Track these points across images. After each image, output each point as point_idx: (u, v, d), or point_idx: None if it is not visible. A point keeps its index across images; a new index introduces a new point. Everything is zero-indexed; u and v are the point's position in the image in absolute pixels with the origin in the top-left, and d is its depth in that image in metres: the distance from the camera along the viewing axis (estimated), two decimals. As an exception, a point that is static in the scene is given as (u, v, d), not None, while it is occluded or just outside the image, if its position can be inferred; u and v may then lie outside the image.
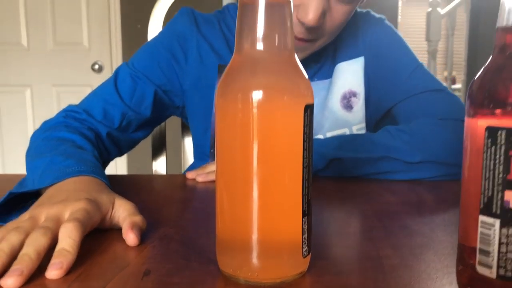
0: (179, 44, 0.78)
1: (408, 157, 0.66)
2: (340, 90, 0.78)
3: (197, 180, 0.67)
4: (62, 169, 0.53)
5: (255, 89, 0.35)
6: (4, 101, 2.74)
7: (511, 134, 0.30)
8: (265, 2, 0.35)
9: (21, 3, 2.67)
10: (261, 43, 0.35)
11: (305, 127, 0.36)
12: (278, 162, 0.35)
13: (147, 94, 0.75)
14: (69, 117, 0.71)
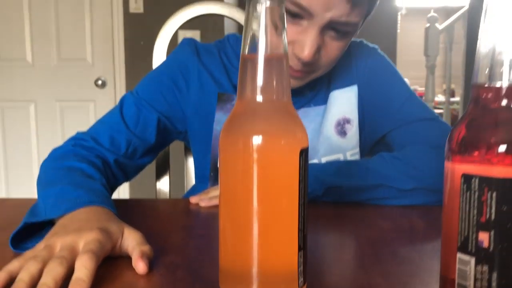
0: (181, 74, 0.82)
1: (402, 184, 0.69)
2: (335, 117, 0.81)
3: (201, 205, 0.71)
4: (73, 200, 0.56)
5: (255, 134, 0.39)
6: (9, 116, 2.79)
7: (483, 182, 0.33)
8: (264, 57, 0.39)
9: (27, 19, 2.72)
10: (260, 93, 0.39)
11: (301, 169, 0.39)
12: (276, 201, 0.39)
13: (151, 120, 0.79)
14: (77, 145, 0.74)
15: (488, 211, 0.33)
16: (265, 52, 0.39)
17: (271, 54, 0.39)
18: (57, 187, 0.61)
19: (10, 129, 2.80)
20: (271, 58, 0.39)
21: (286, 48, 0.40)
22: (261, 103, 0.39)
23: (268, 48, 0.39)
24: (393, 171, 0.70)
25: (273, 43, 0.39)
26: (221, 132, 0.41)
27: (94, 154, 0.73)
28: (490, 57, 0.34)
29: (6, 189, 2.81)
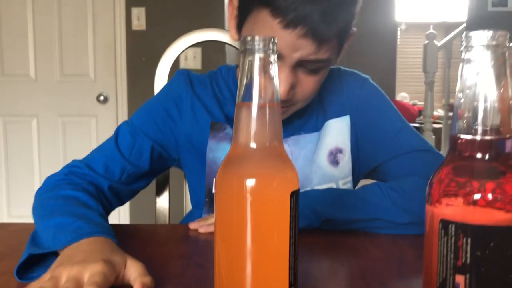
0: (175, 103, 0.85)
1: (398, 218, 0.71)
2: (327, 147, 0.83)
3: (200, 231, 0.73)
4: (75, 231, 0.58)
5: (249, 177, 0.41)
6: (11, 130, 2.82)
7: (460, 228, 0.36)
8: (257, 106, 0.42)
9: (30, 36, 2.77)
10: (254, 138, 0.42)
11: (291, 210, 0.42)
12: (267, 240, 0.42)
13: (145, 148, 0.82)
14: (71, 173, 0.76)
15: (464, 256, 0.36)
16: (258, 101, 0.42)
17: (263, 103, 0.42)
18: (56, 218, 0.63)
19: (13, 143, 2.82)
20: (263, 107, 0.42)
21: (279, 96, 0.43)
22: (254, 148, 0.42)
23: (261, 97, 0.42)
24: (390, 204, 0.72)
25: (265, 92, 0.42)
26: (217, 173, 0.44)
27: (88, 181, 0.76)
28: (466, 111, 0.37)
29: (7, 203, 2.84)
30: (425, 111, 3.83)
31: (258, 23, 0.71)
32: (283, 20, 0.68)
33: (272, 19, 0.68)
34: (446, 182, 0.38)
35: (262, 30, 0.70)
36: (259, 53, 0.41)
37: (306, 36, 0.68)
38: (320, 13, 0.67)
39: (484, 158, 0.37)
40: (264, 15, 0.69)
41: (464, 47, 0.37)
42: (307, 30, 0.68)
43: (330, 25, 0.69)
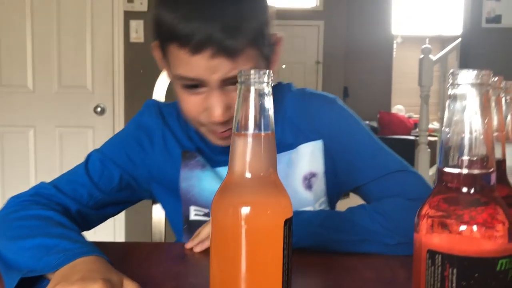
0: (147, 135, 0.86)
1: (387, 239, 0.72)
2: (302, 172, 0.83)
3: (195, 251, 0.74)
4: (64, 252, 0.59)
5: (243, 205, 0.43)
6: (8, 141, 2.82)
7: (446, 258, 0.37)
8: (251, 135, 0.43)
9: (29, 47, 2.78)
10: (248, 168, 0.43)
11: (285, 237, 0.43)
12: (261, 266, 0.43)
13: (114, 176, 0.82)
14: (37, 194, 0.77)
15: (450, 285, 0.37)
16: (253, 131, 0.43)
17: (258, 133, 0.43)
18: (34, 239, 0.63)
19: (10, 153, 2.83)
20: (258, 137, 0.43)
21: (273, 126, 0.44)
22: (249, 177, 0.43)
23: (255, 127, 0.43)
24: (378, 226, 0.73)
25: (259, 123, 0.43)
26: (213, 200, 0.45)
27: (55, 202, 0.76)
28: (452, 146, 0.39)
29: (2, 213, 2.83)
30: (420, 125, 3.85)
31: (173, 58, 0.72)
32: (189, 48, 0.68)
33: (180, 50, 0.70)
34: (433, 213, 0.39)
35: (177, 63, 0.72)
36: (253, 86, 0.43)
37: (216, 56, 0.69)
38: (222, 30, 0.68)
39: (470, 191, 0.38)
40: (174, 49, 0.71)
41: (450, 84, 0.38)
42: (215, 50, 0.68)
43: (236, 38, 0.69)
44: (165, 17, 0.71)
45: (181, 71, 0.72)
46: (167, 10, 0.71)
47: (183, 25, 0.68)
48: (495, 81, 0.45)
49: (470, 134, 0.38)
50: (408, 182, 0.80)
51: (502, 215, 0.38)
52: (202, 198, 0.84)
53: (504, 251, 0.37)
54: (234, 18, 0.69)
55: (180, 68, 0.72)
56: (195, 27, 0.68)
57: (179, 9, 0.69)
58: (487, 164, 0.38)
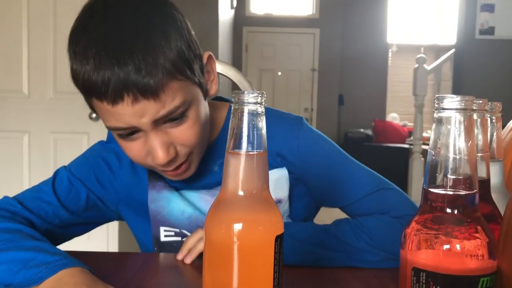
0: (115, 156, 0.85)
1: (370, 256, 0.73)
2: None
3: (186, 262, 0.75)
4: (45, 265, 0.59)
5: (236, 222, 0.44)
6: (2, 145, 2.82)
7: (430, 276, 0.39)
8: (244, 154, 0.44)
9: (25, 52, 2.79)
10: (241, 185, 0.45)
11: (276, 253, 0.44)
12: (253, 280, 0.44)
13: (81, 196, 0.82)
14: (2, 208, 0.76)
15: (433, 302, 0.38)
16: (246, 150, 0.44)
17: (251, 152, 0.45)
18: (8, 252, 0.62)
19: (3, 158, 2.82)
20: (251, 156, 0.45)
21: (266, 145, 0.46)
22: (242, 194, 0.45)
23: (248, 146, 0.44)
24: (362, 243, 0.74)
25: (252, 142, 0.45)
26: (207, 216, 0.46)
27: (20, 216, 0.75)
28: (437, 167, 0.40)
29: (-4, 218, 2.82)
30: (414, 134, 3.89)
31: (99, 111, 0.70)
32: (107, 99, 0.65)
33: (101, 103, 0.66)
34: (418, 232, 0.41)
35: (104, 115, 0.69)
36: (247, 106, 0.44)
37: (137, 100, 0.65)
38: (135, 71, 0.64)
39: (453, 211, 0.40)
40: (95, 102, 0.68)
41: (436, 108, 0.40)
42: (134, 94, 0.64)
43: (153, 75, 0.64)
44: (78, 71, 0.67)
45: (110, 123, 0.69)
46: (78, 63, 0.66)
47: (95, 76, 0.64)
48: (480, 103, 0.47)
49: (454, 156, 0.40)
50: (389, 200, 0.79)
51: (483, 234, 0.39)
52: (172, 218, 0.84)
53: (486, 270, 0.39)
54: (146, 56, 0.64)
55: (107, 120, 0.69)
56: (108, 76, 0.63)
57: (89, 61, 0.65)
58: (470, 185, 0.40)
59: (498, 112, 0.54)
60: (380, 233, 0.74)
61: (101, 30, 0.66)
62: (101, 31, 0.66)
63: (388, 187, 0.81)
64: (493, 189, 0.51)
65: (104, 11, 0.68)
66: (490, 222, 0.46)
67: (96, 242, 2.56)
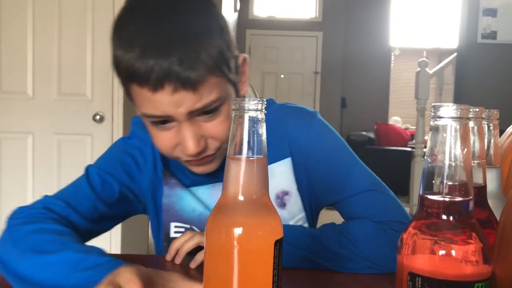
0: (140, 152, 0.86)
1: (353, 264, 0.74)
2: (273, 191, 0.83)
3: (176, 262, 0.76)
4: (96, 268, 0.59)
5: (236, 226, 0.45)
6: (6, 147, 2.84)
7: (426, 281, 0.40)
8: (245, 159, 0.45)
9: (30, 54, 2.81)
10: (241, 190, 0.46)
11: (275, 257, 0.45)
12: (252, 284, 0.45)
13: (115, 189, 0.83)
14: (48, 208, 0.76)
15: (429, 307, 0.39)
16: (246, 155, 0.45)
17: (251, 158, 0.46)
18: (57, 253, 0.63)
19: (7, 159, 2.84)
20: (251, 161, 0.46)
21: (266, 151, 0.47)
22: (242, 199, 0.46)
23: (248, 152, 0.45)
24: (345, 250, 0.74)
25: (252, 148, 0.46)
26: (207, 220, 0.47)
27: (65, 217, 0.76)
28: (433, 174, 0.41)
29: (-1, 219, 2.84)
30: (416, 137, 3.89)
31: (136, 97, 0.72)
32: (149, 86, 0.68)
33: (141, 89, 0.69)
34: (414, 237, 0.42)
35: (141, 102, 0.71)
36: (247, 113, 0.45)
37: (177, 90, 0.68)
38: (179, 63, 0.66)
39: (449, 217, 0.41)
40: (135, 88, 0.70)
41: (432, 116, 0.41)
42: (175, 85, 0.67)
43: (194, 69, 0.67)
44: (122, 58, 0.69)
45: (146, 110, 0.71)
46: (122, 50, 0.69)
47: (139, 63, 0.67)
48: (476, 111, 0.48)
49: (449, 163, 0.41)
50: (377, 204, 0.79)
51: (478, 240, 0.40)
52: (183, 215, 0.85)
53: (481, 275, 0.39)
54: (190, 50, 0.67)
55: (144, 106, 0.71)
56: (152, 65, 0.66)
57: (134, 48, 0.68)
58: (466, 192, 0.41)
59: (495, 119, 0.55)
60: (365, 241, 0.74)
61: (148, 20, 0.69)
62: (148, 21, 0.69)
63: (382, 191, 0.81)
64: (489, 195, 0.51)
65: (152, 1, 0.71)
66: (486, 227, 0.46)
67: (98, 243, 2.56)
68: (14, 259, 0.65)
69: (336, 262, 0.75)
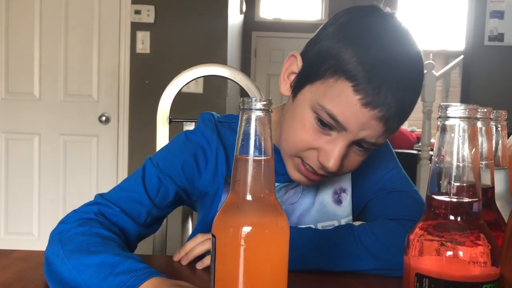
0: (203, 153, 0.83)
1: (365, 266, 0.74)
2: (332, 186, 0.84)
3: (182, 264, 0.76)
4: (132, 272, 0.58)
5: (243, 225, 0.45)
6: (14, 147, 2.86)
7: (433, 282, 0.39)
8: (252, 159, 0.45)
9: (37, 56, 2.83)
10: (248, 190, 0.46)
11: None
12: (259, 284, 0.45)
13: (170, 193, 0.81)
14: (101, 213, 0.75)
15: (436, 308, 0.39)
16: (253, 155, 0.45)
17: (258, 157, 0.45)
18: (97, 255, 0.62)
19: (14, 160, 2.86)
20: (259, 161, 0.45)
21: (273, 150, 0.47)
22: (249, 199, 0.46)
23: (256, 152, 0.45)
24: (360, 250, 0.74)
25: (259, 148, 0.45)
26: (215, 220, 0.47)
27: (116, 224, 0.75)
28: (441, 174, 0.41)
29: (5, 219, 2.85)
30: (422, 140, 3.87)
31: (334, 92, 0.69)
32: (364, 99, 0.67)
33: (353, 94, 0.67)
34: (422, 238, 0.41)
35: (334, 99, 0.69)
36: (256, 112, 0.45)
37: (379, 120, 0.68)
38: (397, 105, 0.67)
39: (456, 218, 0.40)
40: (344, 87, 0.68)
41: (440, 117, 0.41)
42: (383, 115, 0.67)
43: (402, 118, 0.70)
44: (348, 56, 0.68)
45: (334, 109, 0.69)
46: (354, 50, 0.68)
47: (370, 75, 0.67)
48: (484, 112, 0.47)
49: (457, 164, 0.40)
50: (401, 203, 0.81)
51: (485, 241, 0.40)
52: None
53: (488, 277, 0.39)
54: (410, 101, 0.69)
55: (334, 105, 0.69)
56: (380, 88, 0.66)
57: (369, 56, 0.67)
58: (473, 193, 0.40)
59: (503, 120, 0.55)
60: (384, 241, 0.74)
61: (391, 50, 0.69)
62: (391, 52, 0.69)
63: (408, 191, 0.84)
64: (497, 197, 0.51)
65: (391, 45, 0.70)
66: (494, 229, 0.46)
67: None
68: (59, 260, 0.65)
69: (349, 262, 0.74)
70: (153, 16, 2.80)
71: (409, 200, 0.82)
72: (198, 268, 0.75)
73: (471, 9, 4.99)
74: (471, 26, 4.79)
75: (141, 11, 2.80)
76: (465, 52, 4.79)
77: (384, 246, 0.74)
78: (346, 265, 0.75)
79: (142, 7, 2.81)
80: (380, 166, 0.87)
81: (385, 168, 0.87)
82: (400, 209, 0.80)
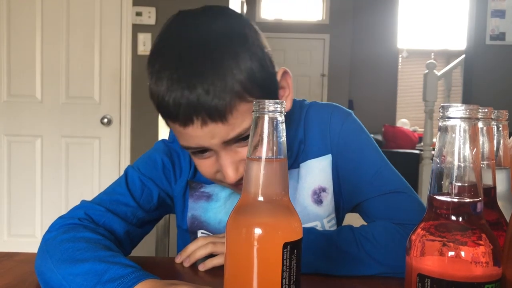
0: (177, 158, 0.86)
1: (368, 270, 0.74)
2: (311, 187, 0.84)
3: (185, 266, 0.77)
4: (119, 279, 0.58)
5: (255, 226, 0.45)
6: (15, 150, 2.86)
7: (435, 283, 0.39)
8: (265, 160, 0.45)
9: (38, 59, 2.83)
10: (261, 191, 0.46)
11: (296, 257, 0.45)
12: (272, 284, 0.45)
13: (154, 195, 0.83)
14: (86, 217, 0.75)
15: (438, 308, 0.39)
16: (265, 156, 0.45)
17: (271, 159, 0.45)
18: (84, 264, 0.62)
19: (16, 162, 2.86)
20: (271, 162, 0.45)
21: (286, 152, 0.46)
22: (262, 200, 0.46)
23: (268, 153, 0.45)
24: (363, 255, 0.74)
25: (271, 149, 0.45)
26: (228, 220, 0.47)
27: (103, 225, 0.76)
28: (442, 175, 0.41)
29: (8, 221, 2.86)
30: (424, 140, 3.87)
31: (173, 130, 0.72)
32: (179, 122, 0.68)
33: (173, 124, 0.70)
34: (423, 238, 0.41)
35: (177, 135, 0.73)
36: (267, 114, 0.45)
37: (206, 124, 0.66)
38: (203, 95, 0.65)
39: (458, 218, 0.40)
40: (169, 123, 0.71)
41: (441, 117, 0.41)
42: (203, 118, 0.66)
43: (220, 99, 0.65)
44: (154, 92, 0.69)
45: (182, 142, 0.72)
46: (154, 84, 0.69)
47: (167, 98, 0.66)
48: (485, 112, 0.47)
49: (458, 164, 0.40)
50: (402, 206, 0.80)
51: (487, 241, 0.40)
52: (209, 226, 0.86)
53: (490, 277, 0.39)
54: (214, 79, 0.65)
55: (180, 139, 0.72)
56: (178, 99, 0.65)
57: (163, 83, 0.67)
58: (475, 193, 0.40)
59: (505, 120, 0.55)
60: (385, 245, 0.74)
61: (174, 53, 0.68)
62: (175, 54, 0.67)
63: (405, 191, 0.82)
64: (499, 196, 0.51)
65: (178, 34, 0.70)
66: (495, 229, 0.46)
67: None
68: (49, 270, 0.65)
69: (351, 266, 0.74)
70: (154, 18, 2.81)
71: (407, 202, 0.81)
72: (200, 270, 0.75)
73: (473, 9, 4.99)
74: (473, 26, 4.79)
75: (142, 13, 2.81)
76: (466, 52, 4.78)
77: (386, 250, 0.74)
78: (350, 270, 0.74)
79: (143, 9, 2.81)
80: (365, 164, 0.84)
81: (371, 166, 0.83)
82: (397, 211, 0.79)
